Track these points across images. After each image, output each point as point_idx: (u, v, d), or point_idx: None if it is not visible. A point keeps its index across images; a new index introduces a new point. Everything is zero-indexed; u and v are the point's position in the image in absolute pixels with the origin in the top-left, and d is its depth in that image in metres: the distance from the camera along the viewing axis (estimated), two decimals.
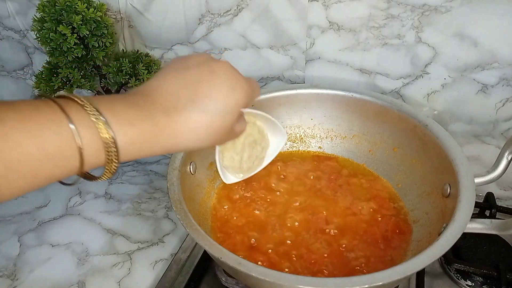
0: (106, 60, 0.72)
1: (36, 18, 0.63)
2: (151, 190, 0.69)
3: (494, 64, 0.56)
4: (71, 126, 0.26)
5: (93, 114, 0.27)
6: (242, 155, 0.49)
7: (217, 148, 0.47)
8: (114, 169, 0.29)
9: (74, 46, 0.63)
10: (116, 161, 0.29)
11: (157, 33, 0.72)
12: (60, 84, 0.67)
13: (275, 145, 0.53)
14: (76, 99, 0.28)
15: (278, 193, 0.57)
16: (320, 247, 0.49)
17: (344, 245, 0.49)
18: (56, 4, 0.61)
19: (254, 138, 0.49)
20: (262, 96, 0.60)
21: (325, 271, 0.46)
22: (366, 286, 0.35)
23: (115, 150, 0.28)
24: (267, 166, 0.61)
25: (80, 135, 0.27)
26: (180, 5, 0.67)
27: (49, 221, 0.64)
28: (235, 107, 0.36)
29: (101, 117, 0.28)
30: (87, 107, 0.28)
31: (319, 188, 0.57)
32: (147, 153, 0.31)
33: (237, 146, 0.47)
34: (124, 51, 0.75)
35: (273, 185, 0.58)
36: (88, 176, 0.31)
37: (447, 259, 0.53)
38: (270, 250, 0.49)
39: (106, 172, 0.30)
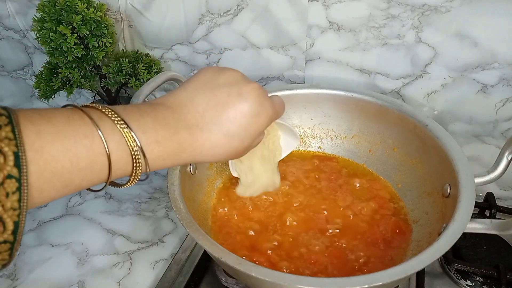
0: (106, 60, 0.72)
1: (36, 18, 0.63)
2: (151, 190, 0.69)
3: (494, 64, 0.56)
4: (103, 141, 0.28)
5: (124, 131, 0.29)
6: (256, 178, 0.54)
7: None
8: (138, 179, 0.32)
9: (74, 46, 0.63)
10: (141, 172, 0.31)
11: (157, 33, 0.72)
12: (60, 84, 0.67)
13: (286, 146, 0.56)
14: (108, 113, 0.29)
15: (278, 193, 0.57)
16: (320, 247, 0.49)
17: (344, 245, 0.49)
18: (56, 4, 0.61)
19: (272, 168, 0.55)
20: None
21: (325, 271, 0.46)
22: (366, 286, 0.35)
23: (141, 164, 0.30)
24: None
25: (110, 150, 0.28)
26: (180, 5, 0.67)
27: (49, 221, 0.64)
28: (256, 132, 0.37)
29: (132, 134, 0.29)
30: (120, 125, 0.29)
31: (319, 188, 0.57)
32: (168, 165, 0.33)
33: (254, 169, 0.53)
34: (124, 51, 0.75)
35: None
36: (112, 183, 0.33)
37: (447, 259, 0.53)
38: (270, 250, 0.48)
39: (130, 181, 0.32)
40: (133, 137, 0.29)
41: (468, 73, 0.58)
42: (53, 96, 0.69)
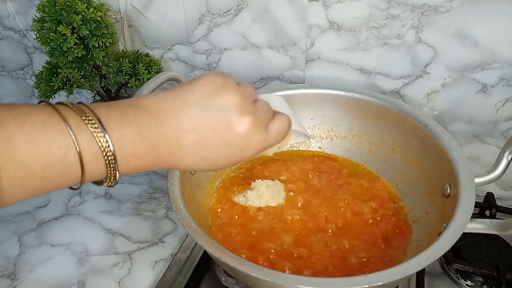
0: (106, 60, 0.72)
1: (36, 18, 0.63)
2: (151, 190, 0.69)
3: (494, 64, 0.56)
4: (79, 153, 0.27)
5: (102, 145, 0.28)
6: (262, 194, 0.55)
7: None
8: (112, 183, 0.31)
9: (74, 46, 0.63)
10: (114, 178, 0.30)
11: (157, 33, 0.72)
12: (60, 84, 0.67)
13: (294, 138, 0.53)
14: (87, 122, 0.28)
15: None
16: (320, 247, 0.49)
17: (344, 245, 0.49)
18: (56, 4, 0.61)
19: (278, 189, 0.56)
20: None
21: (325, 271, 0.46)
22: (366, 286, 0.35)
23: (116, 173, 0.30)
24: (267, 165, 0.62)
25: (85, 161, 0.28)
26: (180, 5, 0.67)
27: (49, 221, 0.64)
28: (239, 162, 0.35)
29: (110, 148, 0.28)
30: (99, 138, 0.28)
31: (319, 188, 0.57)
32: (142, 171, 0.33)
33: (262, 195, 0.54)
34: (124, 51, 0.75)
35: None
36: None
37: (447, 259, 0.53)
38: (270, 250, 0.48)
39: (105, 184, 0.31)
40: (111, 150, 0.28)
41: (468, 73, 0.58)
42: (53, 96, 0.69)
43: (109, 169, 0.29)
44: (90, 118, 0.28)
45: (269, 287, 0.38)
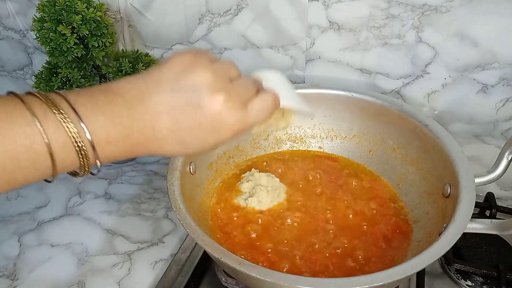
0: (106, 60, 0.72)
1: (36, 18, 0.63)
2: (151, 190, 0.69)
3: (494, 64, 0.56)
4: (46, 142, 0.26)
5: (71, 132, 0.27)
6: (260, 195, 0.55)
7: None
8: (88, 172, 0.30)
9: (74, 46, 0.63)
10: (90, 166, 0.29)
11: (157, 32, 0.72)
12: (60, 84, 0.67)
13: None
14: (54, 110, 0.27)
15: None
16: (321, 247, 0.49)
17: (344, 245, 0.49)
18: (56, 4, 0.61)
19: (275, 186, 0.56)
20: None
21: (325, 271, 0.46)
22: (366, 286, 0.35)
23: (90, 161, 0.29)
24: (268, 164, 0.62)
25: (54, 150, 0.27)
26: (180, 4, 0.67)
27: (49, 221, 0.64)
28: (216, 144, 0.34)
29: (79, 135, 0.27)
30: (66, 124, 0.27)
31: (320, 188, 0.57)
32: (123, 158, 0.32)
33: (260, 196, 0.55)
34: (124, 51, 0.75)
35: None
36: (69, 172, 0.31)
37: (447, 259, 0.52)
38: (270, 250, 0.48)
39: (81, 175, 0.30)
40: (80, 137, 0.27)
41: (468, 73, 0.58)
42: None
43: (80, 157, 0.28)
44: (57, 105, 0.27)
45: (269, 287, 0.38)
